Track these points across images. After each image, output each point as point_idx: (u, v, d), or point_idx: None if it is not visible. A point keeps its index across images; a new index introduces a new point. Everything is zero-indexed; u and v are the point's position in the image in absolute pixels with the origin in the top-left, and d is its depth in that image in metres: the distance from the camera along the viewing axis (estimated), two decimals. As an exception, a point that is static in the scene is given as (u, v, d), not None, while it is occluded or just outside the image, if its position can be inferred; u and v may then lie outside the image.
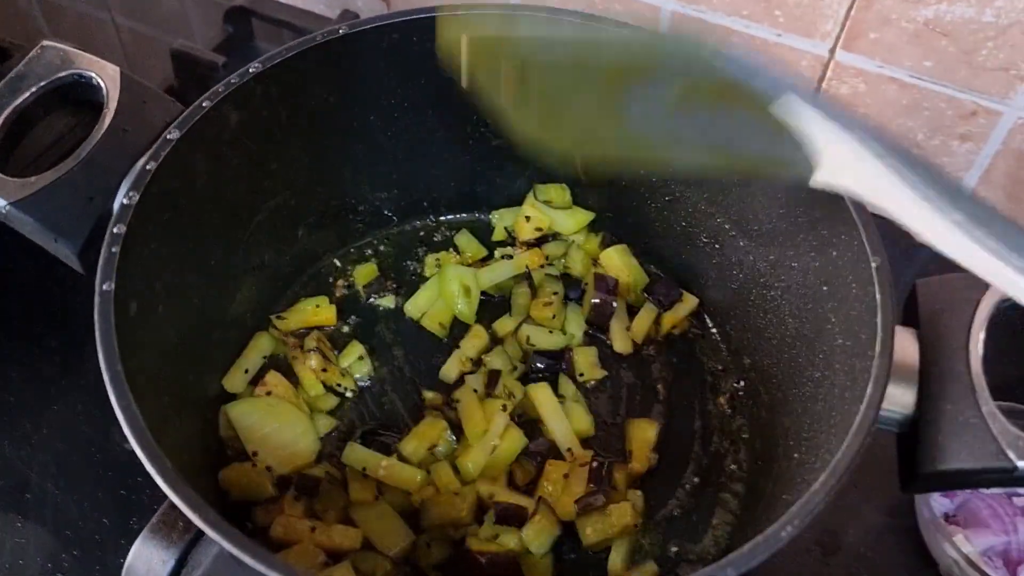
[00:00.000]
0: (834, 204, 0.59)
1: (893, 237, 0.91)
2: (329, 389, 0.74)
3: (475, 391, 0.72)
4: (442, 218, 0.84)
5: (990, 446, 0.49)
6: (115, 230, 0.56)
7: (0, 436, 0.77)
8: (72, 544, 0.72)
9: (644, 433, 0.71)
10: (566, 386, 0.74)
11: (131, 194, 0.58)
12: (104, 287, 0.54)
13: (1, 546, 0.71)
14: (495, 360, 0.74)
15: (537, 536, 0.64)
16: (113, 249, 0.56)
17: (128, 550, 0.53)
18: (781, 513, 0.47)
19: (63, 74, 0.64)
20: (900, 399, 0.52)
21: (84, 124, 0.64)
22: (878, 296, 0.54)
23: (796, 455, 0.62)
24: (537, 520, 0.64)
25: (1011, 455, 0.48)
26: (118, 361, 0.52)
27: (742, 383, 0.74)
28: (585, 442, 0.71)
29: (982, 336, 0.52)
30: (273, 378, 0.72)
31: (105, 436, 0.77)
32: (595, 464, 0.67)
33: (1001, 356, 0.76)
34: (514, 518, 0.64)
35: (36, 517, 0.73)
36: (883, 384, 0.51)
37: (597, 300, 0.76)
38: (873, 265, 0.56)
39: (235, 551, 0.46)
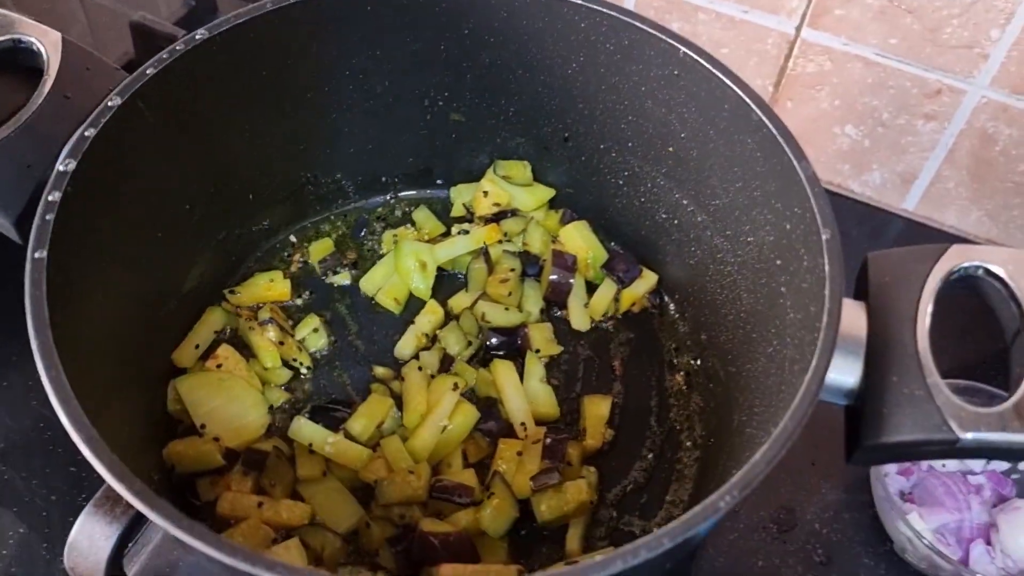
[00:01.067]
0: (788, 177, 0.58)
1: (863, 215, 0.92)
2: (284, 364, 0.72)
3: (420, 369, 0.71)
4: (401, 194, 0.83)
5: (934, 418, 0.48)
6: (50, 197, 0.55)
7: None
8: (19, 521, 0.70)
9: (598, 409, 0.70)
10: (532, 366, 0.73)
11: (68, 161, 0.56)
12: (36, 255, 0.53)
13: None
14: (449, 336, 0.73)
15: (495, 517, 0.63)
16: (47, 216, 0.54)
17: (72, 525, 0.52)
18: (729, 486, 0.46)
19: (2, 39, 0.63)
20: (846, 370, 0.51)
21: (24, 91, 0.62)
22: (827, 268, 0.53)
23: (748, 429, 0.61)
24: (494, 501, 0.63)
25: (953, 426, 0.48)
26: (47, 329, 0.51)
27: (698, 360, 0.74)
28: (540, 421, 0.70)
29: (930, 308, 0.52)
30: (225, 351, 0.71)
31: (55, 412, 0.75)
32: (549, 441, 0.67)
33: (961, 334, 0.76)
34: (456, 496, 0.64)
35: (-21, 495, 0.71)
36: (828, 355, 0.50)
37: (555, 277, 0.75)
38: (824, 237, 0.55)
39: (175, 531, 0.44)
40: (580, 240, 0.77)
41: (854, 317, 0.53)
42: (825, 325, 0.51)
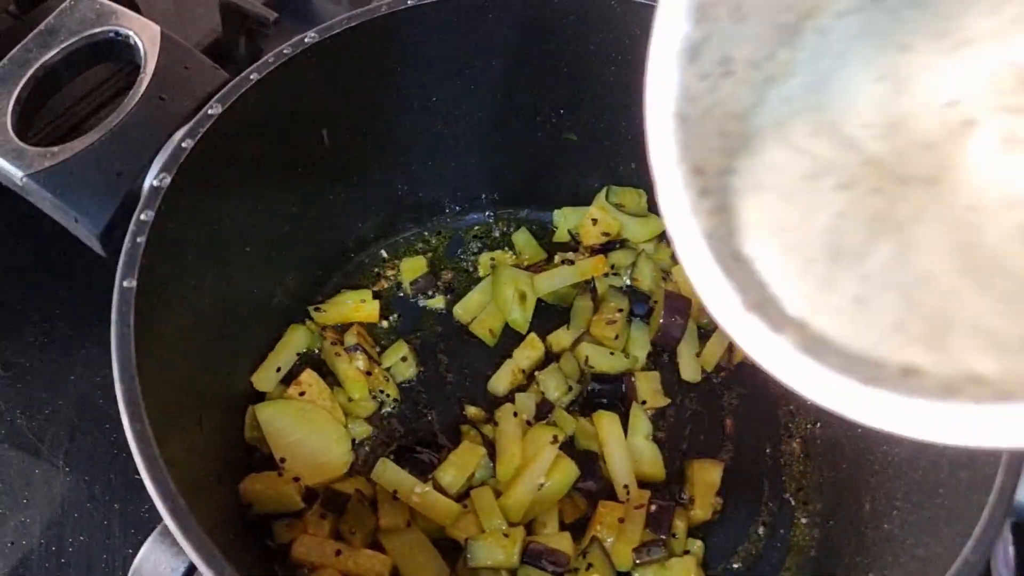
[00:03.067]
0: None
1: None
2: (371, 394, 0.68)
3: (515, 414, 0.65)
4: (500, 212, 0.77)
5: None
6: (142, 216, 0.50)
7: (13, 404, 0.73)
8: (78, 528, 0.67)
9: (708, 476, 0.64)
10: (638, 421, 0.67)
11: (162, 175, 0.51)
12: (125, 283, 0.48)
13: (3, 523, 0.67)
14: (548, 380, 0.68)
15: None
16: (139, 239, 0.49)
17: (138, 540, 0.50)
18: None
19: (97, 30, 0.58)
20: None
21: (117, 87, 0.58)
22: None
23: (886, 525, 0.55)
24: (593, 573, 0.58)
25: None
26: (133, 372, 0.46)
27: (819, 425, 0.67)
28: (643, 482, 0.64)
29: None
30: (309, 377, 0.66)
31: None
32: (654, 508, 0.61)
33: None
34: (551, 563, 0.58)
35: (44, 495, 0.68)
36: (1017, 470, 0.43)
37: (666, 320, 0.68)
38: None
39: None
40: (695, 281, 0.70)
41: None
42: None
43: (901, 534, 0.52)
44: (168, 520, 0.45)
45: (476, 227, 0.77)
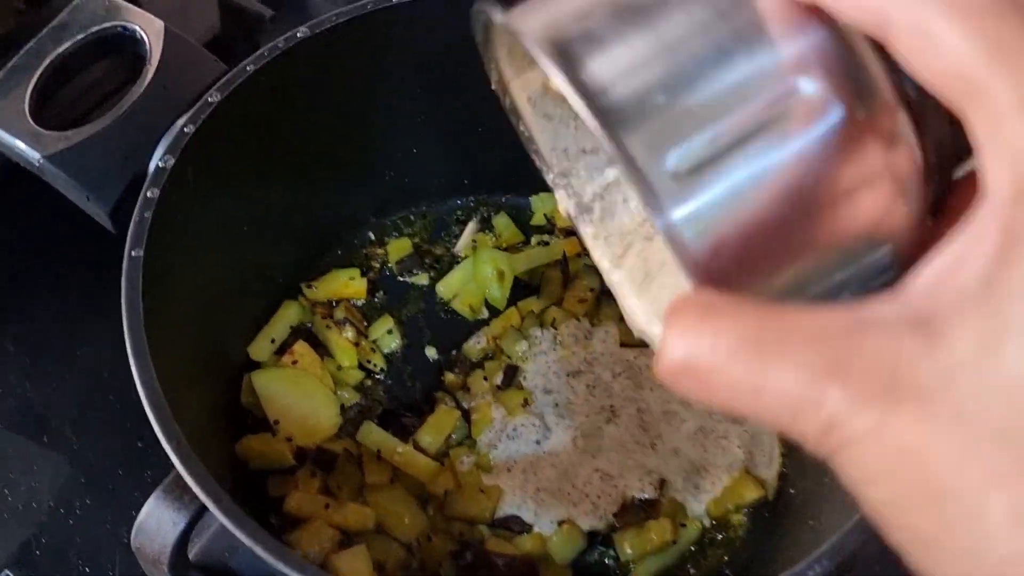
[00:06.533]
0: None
1: None
2: (358, 364, 0.73)
3: (485, 380, 0.70)
4: (482, 196, 0.82)
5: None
6: (148, 194, 0.55)
7: (21, 375, 0.77)
8: (86, 490, 0.72)
9: (670, 438, 0.69)
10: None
11: (166, 157, 0.57)
12: (133, 253, 0.53)
13: (15, 486, 0.71)
14: (507, 342, 0.72)
15: (563, 544, 0.63)
16: (145, 214, 0.54)
17: (141, 502, 0.53)
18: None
19: (106, 25, 0.63)
20: None
21: (124, 77, 0.63)
22: None
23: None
24: (565, 528, 0.63)
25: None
26: (142, 328, 0.51)
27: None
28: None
29: None
30: (301, 348, 0.71)
31: (127, 384, 0.74)
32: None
33: None
34: (516, 527, 0.64)
35: (52, 460, 0.73)
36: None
37: (634, 296, 0.73)
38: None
39: (245, 539, 0.45)
40: (663, 260, 0.76)
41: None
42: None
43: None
44: (180, 467, 0.49)
45: (459, 211, 0.82)
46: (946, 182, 0.29)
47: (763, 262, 0.28)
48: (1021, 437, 0.22)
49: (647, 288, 0.38)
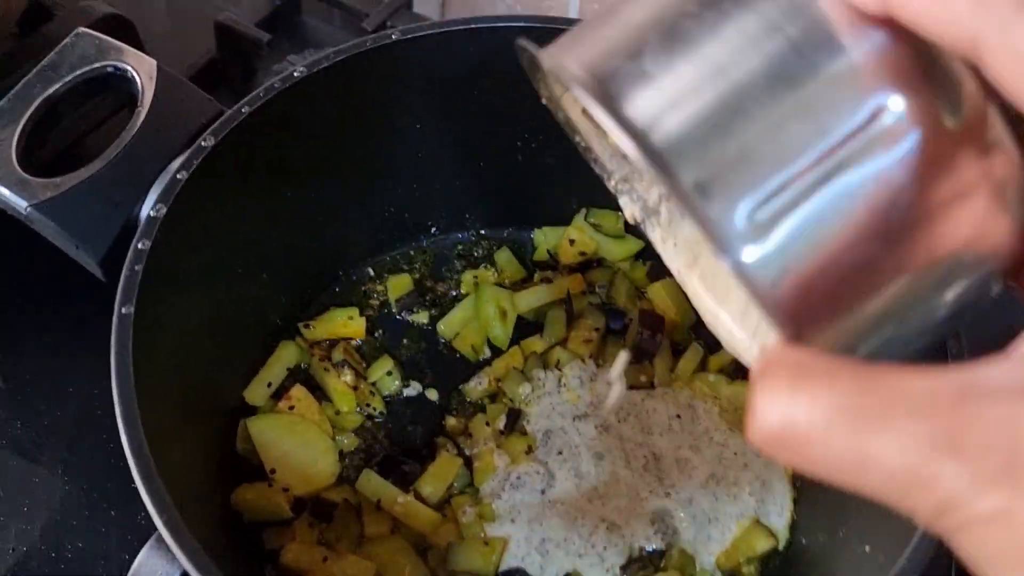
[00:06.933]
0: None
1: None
2: (357, 408, 0.71)
3: (487, 424, 0.69)
4: (483, 231, 0.80)
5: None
6: (139, 245, 0.53)
7: (11, 416, 0.75)
8: (77, 535, 0.70)
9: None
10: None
11: (158, 206, 0.55)
12: (124, 310, 0.51)
13: (5, 529, 0.69)
14: (509, 384, 0.71)
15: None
16: (136, 267, 0.53)
17: (134, 544, 0.53)
18: None
19: (97, 65, 0.61)
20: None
21: (116, 118, 0.61)
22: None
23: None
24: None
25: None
26: (132, 389, 0.49)
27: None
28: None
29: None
30: (298, 392, 0.69)
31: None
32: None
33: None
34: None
35: (43, 503, 0.71)
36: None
37: (640, 337, 0.72)
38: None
39: None
40: (669, 299, 0.74)
41: None
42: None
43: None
44: (164, 532, 0.48)
45: (460, 246, 0.80)
46: None
47: (854, 296, 0.25)
48: None
49: (726, 299, 0.35)
